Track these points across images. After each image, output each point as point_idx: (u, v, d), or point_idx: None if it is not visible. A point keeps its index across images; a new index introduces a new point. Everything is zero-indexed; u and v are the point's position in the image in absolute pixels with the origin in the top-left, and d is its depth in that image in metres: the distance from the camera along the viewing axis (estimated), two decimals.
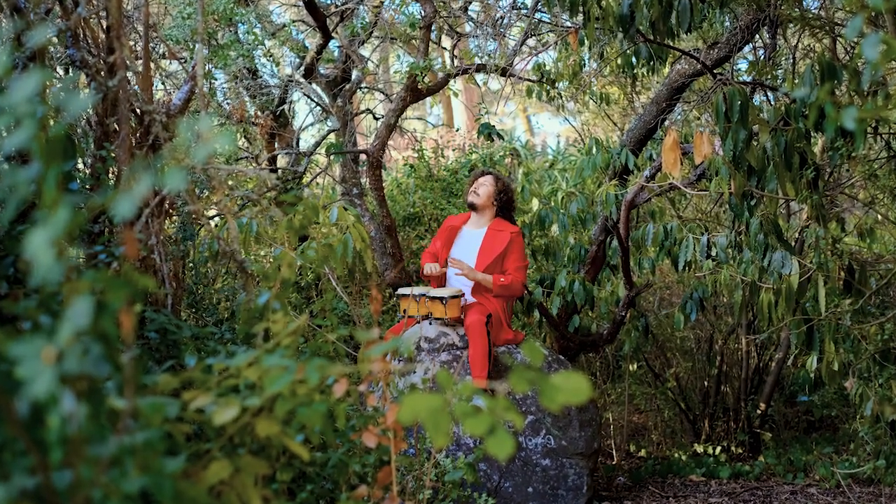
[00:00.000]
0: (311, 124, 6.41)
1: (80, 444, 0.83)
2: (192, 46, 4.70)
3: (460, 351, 4.00)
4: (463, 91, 11.61)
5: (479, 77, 5.52)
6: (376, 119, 6.21)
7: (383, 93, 6.75)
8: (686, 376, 5.95)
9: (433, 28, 5.12)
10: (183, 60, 4.68)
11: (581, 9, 3.80)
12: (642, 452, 5.67)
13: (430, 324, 4.04)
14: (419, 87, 4.83)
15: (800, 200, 3.57)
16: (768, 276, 3.64)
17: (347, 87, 5.51)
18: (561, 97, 5.35)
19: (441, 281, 4.20)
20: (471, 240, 4.16)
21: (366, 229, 4.31)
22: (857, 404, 3.94)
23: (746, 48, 4.93)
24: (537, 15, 5.30)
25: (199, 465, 1.12)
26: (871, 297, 3.90)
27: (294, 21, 6.34)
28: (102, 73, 2.32)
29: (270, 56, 5.49)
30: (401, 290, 4.11)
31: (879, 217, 5.59)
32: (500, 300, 4.05)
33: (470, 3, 5.77)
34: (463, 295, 4.05)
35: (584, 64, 5.14)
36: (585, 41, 4.62)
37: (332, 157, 5.39)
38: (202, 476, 1.10)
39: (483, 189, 4.15)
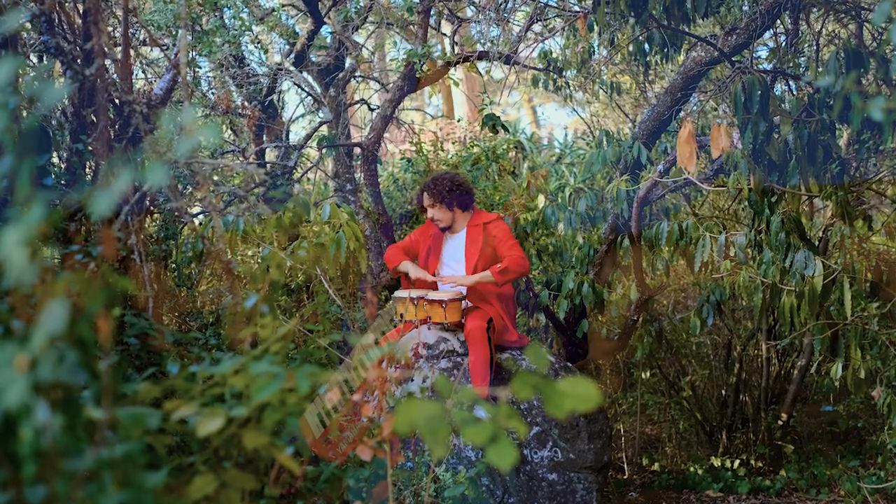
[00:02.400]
0: (302, 115, 6.42)
1: (55, 458, 0.83)
2: (174, 32, 4.70)
3: (461, 357, 4.00)
4: (464, 80, 11.61)
5: (482, 65, 5.52)
6: (371, 110, 6.21)
7: (379, 82, 6.76)
8: (702, 385, 5.95)
9: (432, 13, 5.12)
10: (165, 47, 4.68)
11: None
12: (656, 466, 5.67)
13: (429, 328, 4.04)
14: (417, 75, 4.83)
15: (824, 197, 3.57)
16: (790, 278, 3.64)
17: (341, 75, 5.51)
18: (569, 87, 5.35)
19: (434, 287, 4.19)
20: (455, 245, 4.20)
21: (360, 228, 4.32)
22: (885, 415, 3.94)
23: (767, 34, 4.93)
24: None
25: (182, 480, 1.12)
26: None
27: (283, 5, 6.35)
28: (79, 60, 2.32)
29: (258, 43, 5.49)
30: (398, 293, 4.10)
31: None
32: (501, 302, 4.06)
33: None
34: (465, 297, 4.06)
35: (594, 51, 5.13)
36: (595, 27, 4.62)
37: (324, 150, 5.39)
38: (185, 491, 1.10)
39: (438, 214, 4.11)
